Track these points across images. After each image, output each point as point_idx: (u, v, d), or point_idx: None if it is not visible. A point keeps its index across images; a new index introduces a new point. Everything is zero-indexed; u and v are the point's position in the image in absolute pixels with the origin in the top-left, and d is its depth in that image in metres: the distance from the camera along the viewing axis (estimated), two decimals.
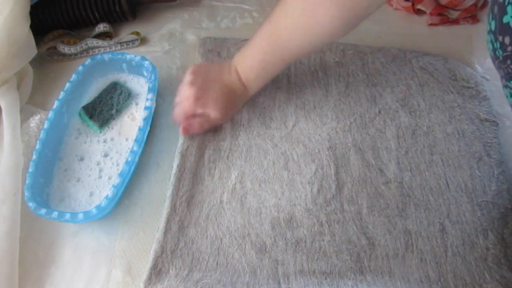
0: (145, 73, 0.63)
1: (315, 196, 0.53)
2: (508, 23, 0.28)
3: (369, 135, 0.58)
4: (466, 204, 0.52)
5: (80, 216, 0.50)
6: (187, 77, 0.55)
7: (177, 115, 0.56)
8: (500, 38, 0.29)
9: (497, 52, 0.30)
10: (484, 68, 0.65)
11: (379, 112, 0.60)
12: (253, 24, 0.73)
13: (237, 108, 0.59)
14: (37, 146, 0.55)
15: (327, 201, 0.52)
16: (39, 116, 0.61)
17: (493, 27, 0.30)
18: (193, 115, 0.55)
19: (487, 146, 0.56)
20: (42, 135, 0.56)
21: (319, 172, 0.54)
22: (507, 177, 0.55)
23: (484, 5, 0.70)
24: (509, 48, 0.28)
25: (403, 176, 0.54)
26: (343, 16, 0.47)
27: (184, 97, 0.54)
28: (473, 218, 0.51)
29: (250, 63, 0.54)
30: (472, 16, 0.70)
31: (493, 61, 0.32)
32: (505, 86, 0.32)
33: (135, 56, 0.62)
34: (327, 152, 0.56)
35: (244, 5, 0.75)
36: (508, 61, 0.29)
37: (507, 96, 0.32)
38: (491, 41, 0.30)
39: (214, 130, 0.58)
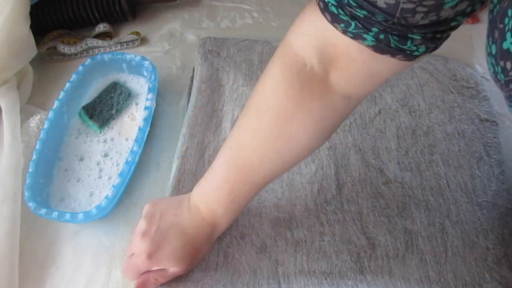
0: (145, 73, 0.63)
1: (315, 196, 0.53)
2: (508, 49, 0.28)
3: (369, 135, 0.58)
4: (466, 204, 0.52)
5: (80, 216, 0.50)
6: (140, 224, 0.46)
7: (129, 271, 0.46)
8: (502, 63, 0.29)
9: (498, 76, 0.30)
10: (484, 68, 0.65)
11: (379, 112, 0.60)
12: (253, 24, 0.73)
13: (204, 254, 0.48)
14: (37, 146, 0.55)
15: (327, 201, 0.52)
16: (39, 116, 0.61)
17: (493, 51, 0.30)
18: (148, 271, 0.46)
19: (487, 146, 0.56)
20: (42, 135, 0.56)
21: (319, 172, 0.54)
22: (507, 177, 0.55)
23: (484, 5, 0.70)
24: (510, 73, 0.28)
25: (403, 176, 0.54)
26: (317, 126, 0.40)
27: (136, 251, 0.45)
28: (473, 218, 0.51)
29: (215, 198, 0.45)
30: (472, 16, 0.70)
31: (495, 82, 0.32)
32: (509, 106, 0.32)
33: (135, 56, 0.62)
34: (327, 152, 0.56)
35: (244, 5, 0.75)
36: (511, 85, 0.29)
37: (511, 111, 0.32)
38: (492, 64, 0.30)
39: (214, 130, 0.58)
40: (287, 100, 0.39)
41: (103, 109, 0.61)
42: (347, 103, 0.40)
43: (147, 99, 0.58)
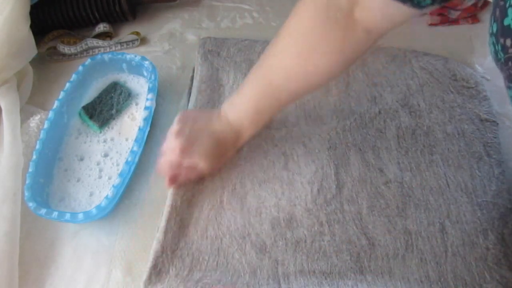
0: (145, 73, 0.63)
1: (315, 196, 0.53)
2: (509, 25, 0.28)
3: (369, 135, 0.57)
4: (466, 204, 0.52)
5: (80, 216, 0.50)
6: (174, 126, 0.52)
7: (163, 166, 0.52)
8: (502, 40, 0.29)
9: (498, 55, 0.30)
10: (484, 68, 0.65)
11: (379, 112, 0.59)
12: (253, 24, 0.73)
13: (227, 157, 0.55)
14: (37, 146, 0.55)
15: (327, 201, 0.52)
16: (39, 116, 0.61)
17: (494, 30, 0.30)
18: (180, 166, 0.51)
19: (487, 146, 0.56)
20: (42, 135, 0.56)
21: (319, 172, 0.54)
22: (507, 177, 0.55)
23: (484, 5, 0.70)
24: (510, 50, 0.29)
25: (403, 176, 0.54)
26: (340, 55, 0.45)
27: (170, 148, 0.51)
28: (473, 218, 0.51)
29: (243, 110, 0.52)
30: (472, 16, 0.70)
31: (495, 63, 0.32)
32: (508, 87, 0.32)
33: (135, 56, 0.62)
34: (327, 152, 0.56)
35: (244, 5, 0.75)
36: (510, 63, 0.29)
37: (510, 97, 0.32)
38: (493, 43, 0.31)
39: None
40: (315, 29, 0.44)
41: (103, 109, 0.61)
42: (367, 36, 0.44)
43: (147, 99, 0.58)
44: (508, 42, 0.28)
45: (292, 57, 0.47)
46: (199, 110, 0.59)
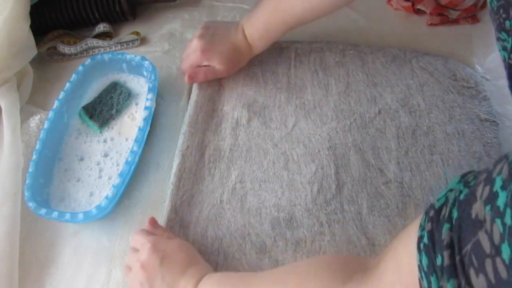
0: (145, 73, 0.63)
1: (315, 196, 0.53)
2: None
3: (369, 135, 0.57)
4: None
5: (80, 216, 0.50)
6: (198, 31, 0.59)
7: (184, 65, 0.60)
8: None
9: (492, 4, 0.30)
10: (484, 68, 0.65)
11: (379, 112, 0.59)
12: None
13: (241, 64, 0.62)
14: (37, 146, 0.55)
15: (327, 201, 0.52)
16: (39, 116, 0.61)
17: None
18: (199, 66, 0.59)
19: (487, 146, 0.56)
20: (42, 135, 0.56)
21: (319, 172, 0.54)
22: None
23: (484, 5, 0.70)
24: None
25: (403, 176, 0.54)
26: None
27: (192, 49, 0.59)
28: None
29: (255, 24, 0.58)
30: (472, 16, 0.70)
31: (490, 15, 0.31)
32: (498, 39, 0.31)
33: (135, 56, 0.62)
34: (327, 152, 0.56)
35: (244, 5, 0.75)
36: (501, 11, 0.29)
37: (499, 50, 0.32)
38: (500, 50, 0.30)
39: (214, 130, 0.58)
40: None
41: (103, 109, 0.61)
42: None
43: (147, 99, 0.58)
44: None
45: None
46: (221, 21, 0.68)
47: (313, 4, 0.54)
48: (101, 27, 0.70)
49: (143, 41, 0.71)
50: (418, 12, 0.71)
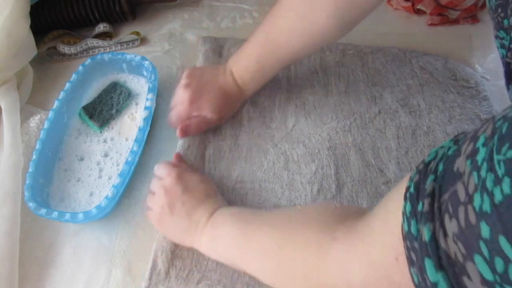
0: (145, 73, 0.63)
1: (315, 196, 0.53)
2: None
3: (369, 135, 0.58)
4: None
5: (80, 216, 0.50)
6: (182, 81, 0.56)
7: (173, 119, 0.56)
8: None
9: (490, 2, 0.30)
10: (484, 68, 0.65)
11: (379, 112, 0.59)
12: (253, 24, 0.73)
13: (234, 110, 0.59)
14: (37, 146, 0.55)
15: (327, 201, 0.52)
16: (39, 116, 0.61)
17: None
18: (189, 118, 0.55)
19: None
20: (42, 135, 0.56)
21: (319, 172, 0.54)
22: None
23: (484, 5, 0.70)
24: None
25: (403, 176, 0.54)
26: (339, 17, 0.47)
27: (179, 101, 0.55)
28: None
29: (245, 65, 0.55)
30: (472, 16, 0.70)
31: (489, 13, 0.32)
32: (496, 37, 0.32)
33: (135, 56, 0.62)
34: (327, 152, 0.56)
35: (244, 5, 0.75)
36: (499, 9, 0.29)
37: (497, 47, 0.32)
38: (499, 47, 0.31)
39: (214, 130, 0.58)
40: None
41: (103, 109, 0.61)
42: None
43: (147, 99, 0.58)
44: None
45: (292, 17, 0.49)
46: (205, 66, 0.63)
47: (308, 39, 0.51)
48: (101, 27, 0.70)
49: (143, 41, 0.71)
50: (418, 12, 0.71)
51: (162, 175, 0.50)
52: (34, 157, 0.54)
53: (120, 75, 0.65)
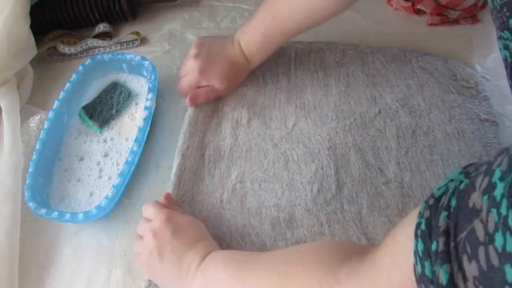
0: (145, 73, 0.63)
1: (315, 196, 0.53)
2: None
3: (369, 135, 0.57)
4: None
5: (80, 216, 0.50)
6: (192, 50, 0.58)
7: (183, 87, 0.58)
8: None
9: (495, 2, 0.30)
10: (484, 68, 0.65)
11: (379, 112, 0.59)
12: None
13: (240, 80, 0.61)
14: (37, 146, 0.55)
15: (327, 201, 0.52)
16: (39, 116, 0.61)
17: None
18: (198, 87, 0.58)
19: (487, 146, 0.56)
20: (42, 135, 0.56)
21: (319, 172, 0.54)
22: None
23: (484, 5, 0.70)
24: None
25: (403, 176, 0.54)
26: None
27: (190, 70, 0.57)
28: None
29: (252, 36, 0.56)
30: (472, 16, 0.70)
31: (492, 13, 0.31)
32: (499, 38, 0.31)
33: (135, 56, 0.62)
34: (327, 152, 0.56)
35: (244, 5, 0.75)
36: (504, 9, 0.28)
37: (500, 49, 0.32)
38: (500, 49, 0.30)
39: (214, 130, 0.58)
40: None
41: (103, 109, 0.61)
42: None
43: (147, 99, 0.58)
44: None
45: None
46: (214, 36, 0.64)
47: (311, 11, 0.53)
48: (101, 27, 0.70)
49: (143, 41, 0.71)
50: (418, 12, 0.71)
51: (150, 216, 0.48)
52: (34, 157, 0.54)
53: (120, 75, 0.65)
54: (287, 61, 0.65)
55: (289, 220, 0.51)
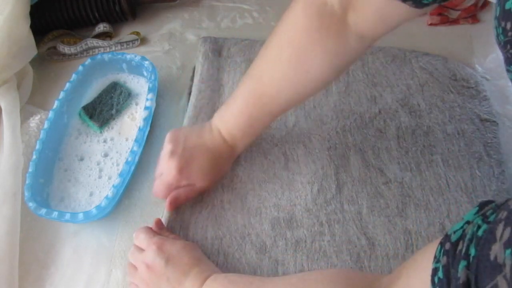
0: (145, 73, 0.63)
1: (315, 196, 0.53)
2: (509, 9, 0.28)
3: (369, 135, 0.57)
4: (466, 204, 0.52)
5: (80, 216, 0.50)
6: (166, 147, 0.50)
7: (160, 189, 0.51)
8: (503, 23, 0.29)
9: (499, 37, 0.30)
10: (484, 68, 0.65)
11: (379, 112, 0.59)
12: (253, 24, 0.73)
13: (224, 172, 0.54)
14: (37, 146, 0.55)
15: (327, 201, 0.52)
16: (39, 116, 0.61)
17: (497, 13, 0.30)
18: (177, 187, 0.50)
19: (487, 146, 0.56)
20: (42, 135, 0.56)
21: (319, 172, 0.54)
22: (507, 177, 0.55)
23: (484, 5, 0.70)
24: (509, 34, 0.28)
25: (403, 176, 0.54)
26: (332, 62, 0.44)
27: (166, 169, 0.50)
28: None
29: (235, 122, 0.50)
30: (472, 16, 0.70)
31: (498, 46, 0.32)
32: (508, 71, 0.32)
33: (135, 56, 0.62)
34: (327, 152, 0.56)
35: (244, 5, 0.75)
36: (508, 46, 0.29)
37: (510, 80, 0.32)
38: (495, 27, 0.31)
39: None
40: (306, 36, 0.42)
41: (103, 109, 0.61)
42: (360, 42, 0.42)
43: (147, 99, 0.58)
44: (508, 25, 0.28)
45: (283, 67, 0.45)
46: (188, 127, 0.56)
47: (299, 87, 0.47)
48: (101, 27, 0.70)
49: (143, 41, 0.71)
50: None
51: (141, 245, 0.46)
52: (34, 157, 0.54)
53: (120, 75, 0.65)
54: None
55: (289, 220, 0.51)
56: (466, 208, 0.52)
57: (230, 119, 0.50)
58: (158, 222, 0.50)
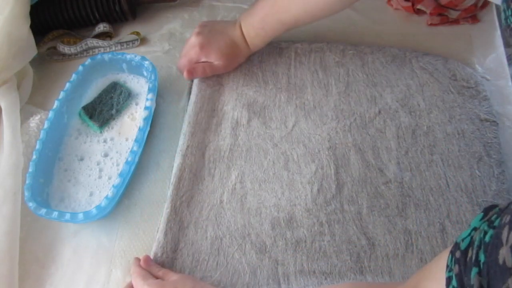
0: (145, 73, 0.63)
1: (315, 196, 0.53)
2: None
3: (369, 135, 0.58)
4: (466, 204, 0.52)
5: (80, 216, 0.50)
6: (195, 29, 0.60)
7: (183, 62, 0.60)
8: None
9: (508, 20, 0.30)
10: (484, 68, 0.65)
11: (379, 112, 0.59)
12: None
13: (240, 60, 0.62)
14: (37, 146, 0.55)
15: (327, 201, 0.52)
16: (39, 116, 0.61)
17: None
18: (197, 62, 0.59)
19: (487, 146, 0.56)
20: (42, 135, 0.56)
21: (319, 172, 0.54)
22: (507, 177, 0.55)
23: (484, 5, 0.70)
24: None
25: (403, 176, 0.54)
26: None
27: (190, 46, 0.59)
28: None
29: (251, 21, 0.58)
30: (472, 16, 0.70)
31: (506, 31, 0.32)
32: None
33: (135, 56, 0.62)
34: (327, 152, 0.56)
35: (244, 5, 0.75)
36: None
37: None
38: (504, 10, 0.31)
39: (214, 130, 0.58)
40: None
41: (103, 109, 0.61)
42: None
43: (147, 99, 0.58)
44: None
45: None
46: (219, 20, 0.69)
47: (308, 6, 0.55)
48: (101, 27, 0.70)
49: (143, 41, 0.71)
50: (418, 12, 0.71)
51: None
52: (34, 157, 0.54)
53: (120, 75, 0.65)
54: (287, 61, 0.65)
55: (289, 220, 0.51)
56: (466, 208, 0.52)
57: (248, 18, 0.59)
58: (147, 260, 0.48)
